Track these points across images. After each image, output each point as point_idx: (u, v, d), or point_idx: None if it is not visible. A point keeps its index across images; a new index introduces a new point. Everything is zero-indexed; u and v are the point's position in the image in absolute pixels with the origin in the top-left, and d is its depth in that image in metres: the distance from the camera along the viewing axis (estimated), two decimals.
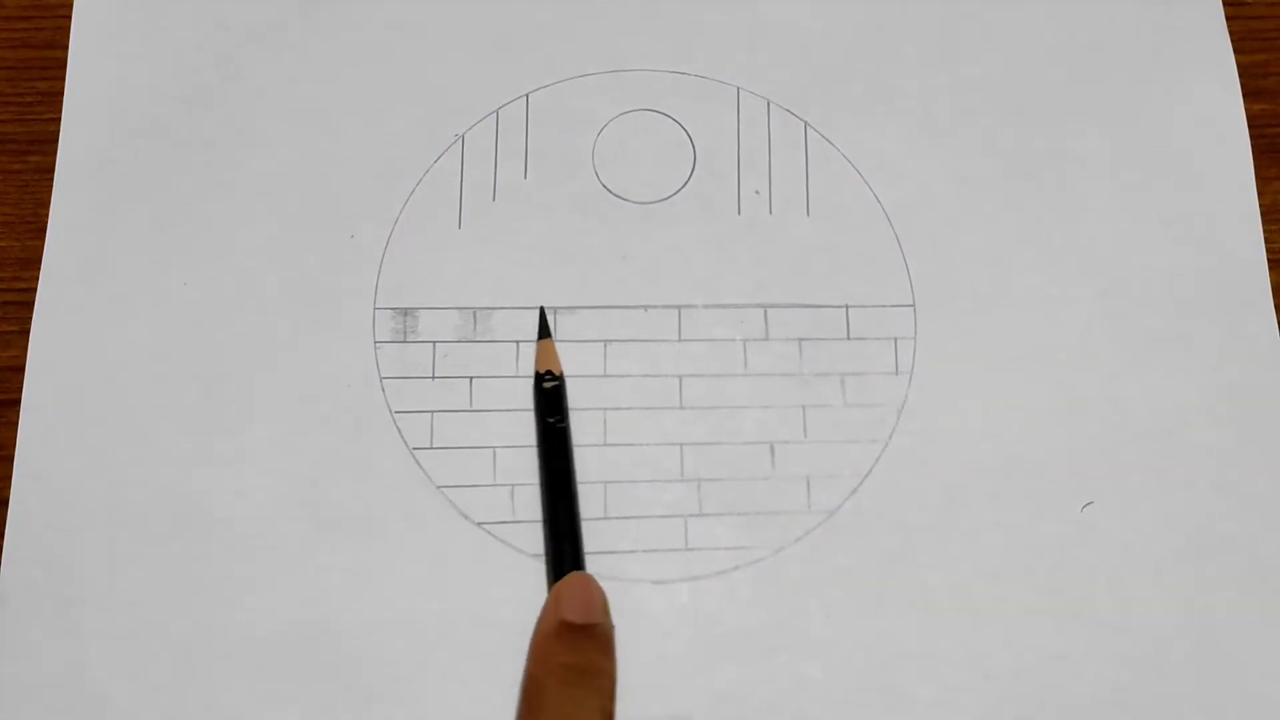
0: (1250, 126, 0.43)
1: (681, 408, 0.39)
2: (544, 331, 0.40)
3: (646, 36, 0.43)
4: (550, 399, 0.38)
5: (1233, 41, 0.44)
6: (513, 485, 0.38)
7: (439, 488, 0.38)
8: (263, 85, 0.42)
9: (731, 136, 0.42)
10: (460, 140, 0.42)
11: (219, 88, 0.42)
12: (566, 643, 0.34)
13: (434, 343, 0.40)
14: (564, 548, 0.37)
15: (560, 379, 0.39)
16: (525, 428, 0.39)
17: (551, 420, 0.38)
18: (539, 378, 0.39)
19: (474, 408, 0.39)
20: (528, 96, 0.43)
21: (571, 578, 0.36)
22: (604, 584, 0.37)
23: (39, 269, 0.40)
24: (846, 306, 0.41)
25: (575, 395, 0.39)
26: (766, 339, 0.40)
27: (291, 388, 0.39)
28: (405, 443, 0.39)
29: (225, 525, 0.37)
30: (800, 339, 0.40)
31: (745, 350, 0.40)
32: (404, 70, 0.43)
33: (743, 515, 0.38)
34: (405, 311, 0.40)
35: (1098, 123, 0.43)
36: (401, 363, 0.39)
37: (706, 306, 0.40)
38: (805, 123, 0.43)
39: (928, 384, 0.40)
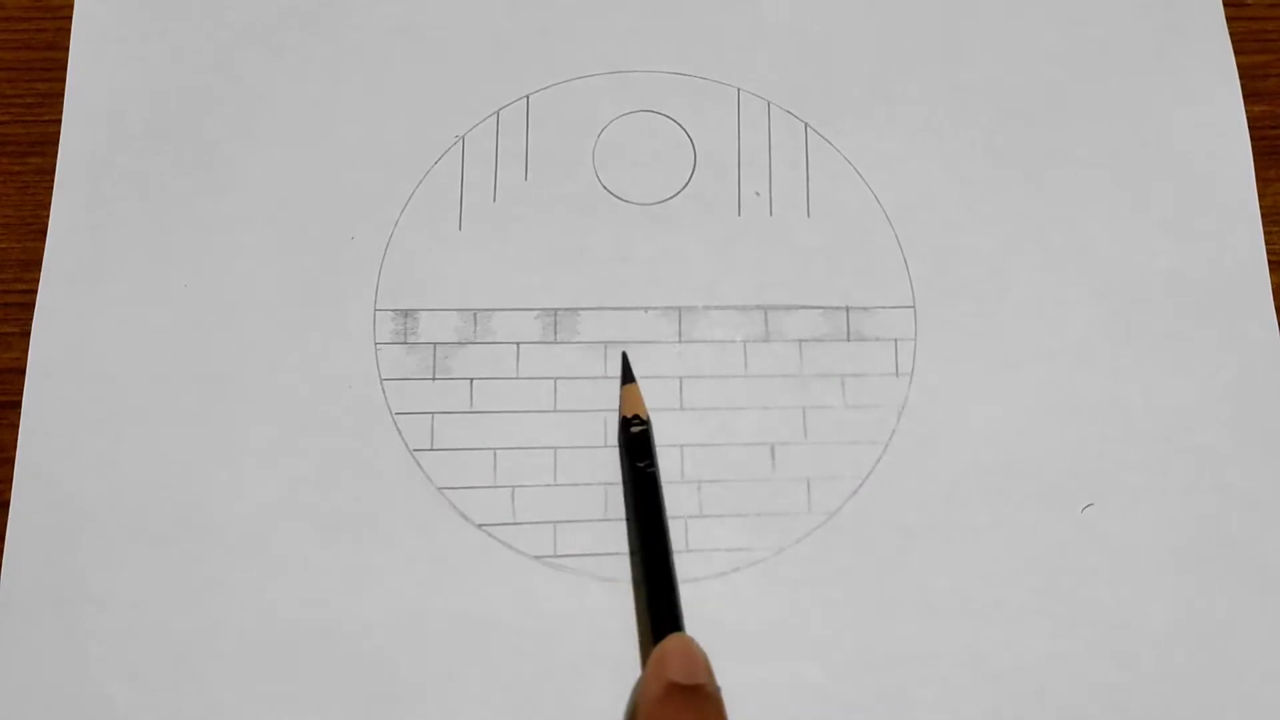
0: (1250, 128, 0.43)
1: (682, 409, 0.39)
2: (628, 376, 0.39)
3: (647, 37, 0.43)
4: (638, 444, 0.38)
5: (1233, 43, 0.44)
6: (513, 487, 0.38)
7: (439, 489, 0.38)
8: (263, 86, 0.42)
9: (732, 138, 0.42)
10: (461, 141, 0.42)
11: (219, 89, 0.42)
12: (679, 705, 0.33)
13: (434, 344, 0.40)
14: (662, 606, 0.36)
15: (647, 423, 0.38)
16: (525, 429, 0.39)
17: (641, 465, 0.38)
18: (625, 422, 0.38)
19: (474, 409, 0.39)
20: (528, 98, 0.43)
21: (672, 639, 0.35)
22: (604, 585, 0.37)
23: (39, 271, 0.40)
24: (847, 308, 0.41)
25: (576, 396, 0.39)
26: (767, 340, 0.40)
27: (292, 388, 0.39)
28: (406, 444, 0.39)
29: (225, 525, 0.37)
30: (800, 340, 0.40)
31: (745, 351, 0.40)
32: (404, 71, 0.43)
33: (743, 517, 0.38)
34: (405, 313, 0.40)
35: (1098, 124, 0.43)
36: (402, 364, 0.39)
37: (707, 308, 0.40)
38: (806, 124, 0.43)
39: (928, 385, 0.40)
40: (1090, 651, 0.37)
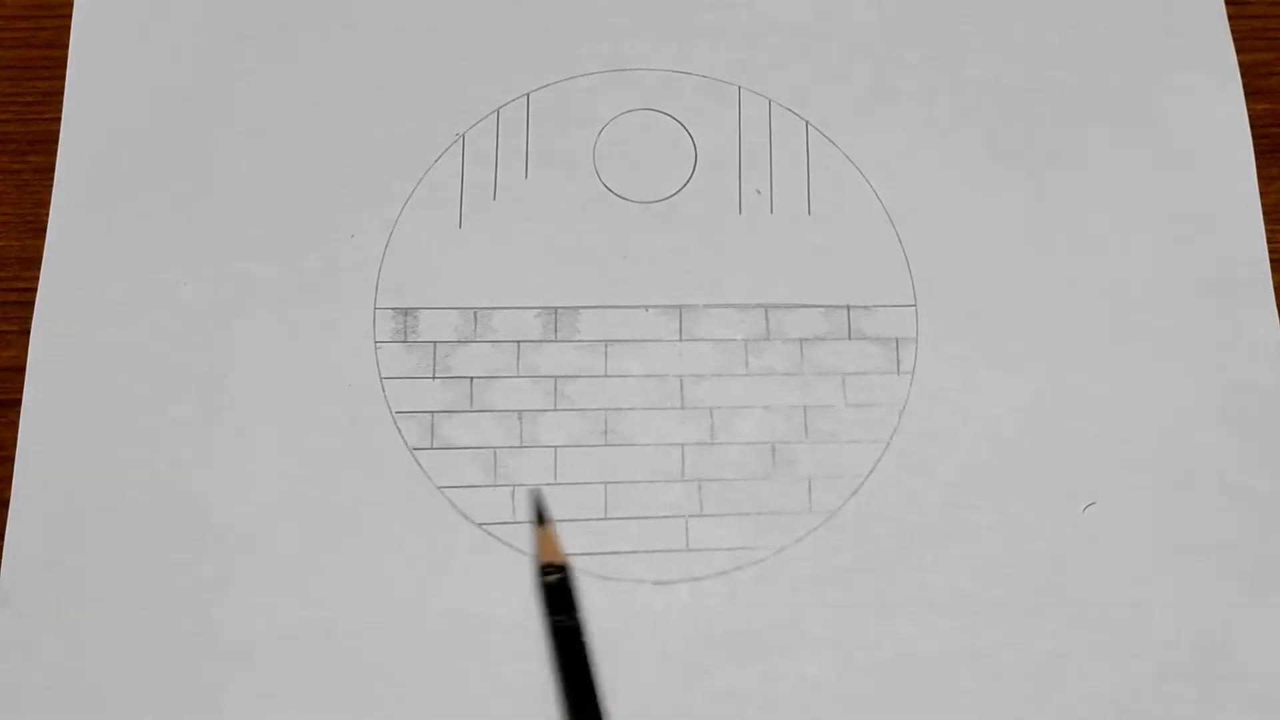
0: (1253, 126, 0.43)
1: (682, 408, 0.39)
2: (540, 516, 0.37)
3: (647, 36, 0.43)
4: (556, 595, 0.35)
5: (1235, 41, 0.44)
6: (513, 485, 0.38)
7: (439, 488, 0.38)
8: (262, 85, 0.42)
9: (733, 136, 0.42)
10: (461, 140, 0.42)
11: (219, 88, 0.42)
12: None
13: (434, 343, 0.40)
14: None
15: (565, 570, 0.35)
16: (525, 428, 0.39)
17: (559, 619, 0.34)
18: (541, 571, 0.36)
19: (474, 408, 0.39)
20: (528, 96, 0.42)
21: None
22: (604, 584, 0.37)
23: (39, 269, 0.40)
24: (848, 306, 0.41)
25: (577, 395, 0.39)
26: (768, 339, 0.40)
27: (291, 388, 0.39)
28: (405, 443, 0.39)
29: (225, 525, 0.37)
30: (801, 339, 0.40)
31: (746, 350, 0.40)
32: (404, 70, 0.42)
33: (744, 515, 0.38)
34: (406, 311, 0.40)
35: (1099, 123, 0.43)
36: (402, 363, 0.39)
37: (708, 306, 0.40)
38: (806, 122, 0.43)
39: (929, 384, 0.40)
40: (1090, 651, 0.37)
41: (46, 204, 0.40)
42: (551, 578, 0.36)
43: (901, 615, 0.37)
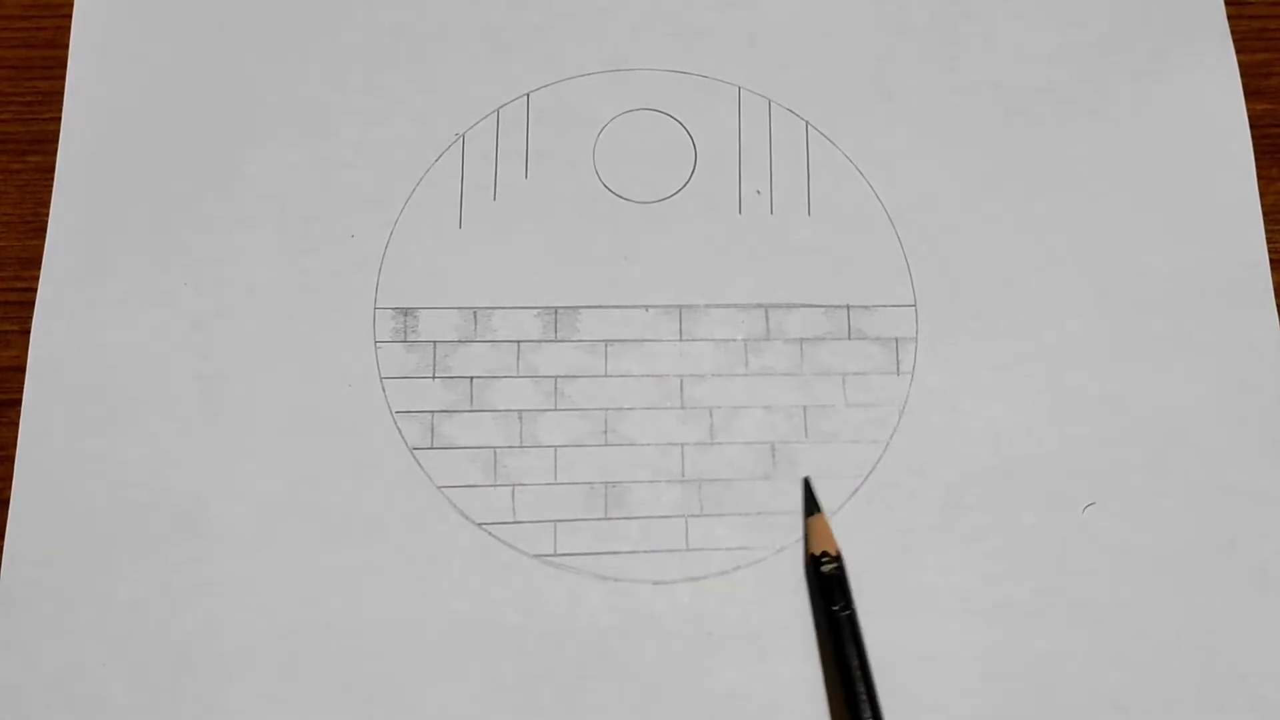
0: (1252, 126, 0.43)
1: (682, 408, 0.39)
2: (812, 506, 0.38)
3: (647, 36, 0.43)
4: (832, 584, 0.36)
5: (1234, 41, 0.44)
6: (513, 486, 0.38)
7: (439, 488, 0.38)
8: (263, 85, 0.42)
9: (733, 136, 0.42)
10: (461, 140, 0.42)
11: (219, 88, 0.42)
12: None
13: (434, 342, 0.40)
14: None
15: (839, 560, 0.36)
16: (526, 428, 0.39)
17: (836, 609, 0.36)
18: (814, 560, 0.37)
19: (474, 408, 0.39)
20: (528, 96, 0.42)
21: None
22: (605, 585, 0.37)
23: (39, 269, 0.40)
24: (848, 306, 0.41)
25: (576, 395, 0.39)
26: (768, 339, 0.40)
27: (291, 388, 0.39)
28: (405, 443, 0.39)
29: (225, 525, 0.37)
30: (801, 339, 0.40)
31: (746, 350, 0.40)
32: (404, 70, 0.42)
33: (743, 516, 0.38)
34: (406, 311, 0.40)
35: (1099, 123, 0.43)
36: (402, 362, 0.39)
37: (708, 306, 0.40)
38: (806, 122, 0.43)
39: (929, 384, 0.40)
40: (1090, 651, 0.37)
41: (46, 204, 0.40)
42: (828, 567, 0.36)
43: (901, 616, 0.37)
